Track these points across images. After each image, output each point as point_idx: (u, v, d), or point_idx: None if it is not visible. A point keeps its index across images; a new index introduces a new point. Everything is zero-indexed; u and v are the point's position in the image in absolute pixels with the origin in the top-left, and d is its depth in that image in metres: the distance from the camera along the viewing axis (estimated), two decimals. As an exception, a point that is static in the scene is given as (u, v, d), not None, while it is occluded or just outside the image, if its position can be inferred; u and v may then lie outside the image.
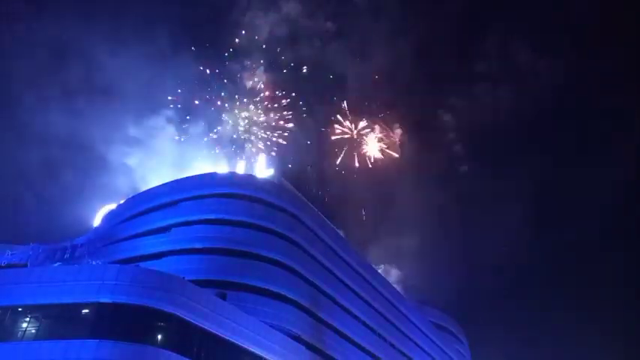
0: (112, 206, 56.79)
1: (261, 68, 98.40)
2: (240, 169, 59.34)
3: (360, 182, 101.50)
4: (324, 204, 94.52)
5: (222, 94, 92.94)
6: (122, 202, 55.90)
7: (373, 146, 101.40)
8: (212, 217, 47.89)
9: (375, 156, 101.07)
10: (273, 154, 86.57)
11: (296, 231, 51.58)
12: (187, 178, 55.76)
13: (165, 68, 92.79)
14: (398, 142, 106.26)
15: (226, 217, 48.38)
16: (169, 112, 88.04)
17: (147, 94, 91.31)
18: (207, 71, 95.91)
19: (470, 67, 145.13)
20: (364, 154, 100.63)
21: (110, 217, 54.62)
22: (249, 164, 62.10)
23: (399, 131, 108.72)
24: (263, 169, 59.97)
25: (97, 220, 56.82)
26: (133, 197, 55.52)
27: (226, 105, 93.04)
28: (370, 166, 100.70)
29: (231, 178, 54.89)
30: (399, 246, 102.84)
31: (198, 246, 45.29)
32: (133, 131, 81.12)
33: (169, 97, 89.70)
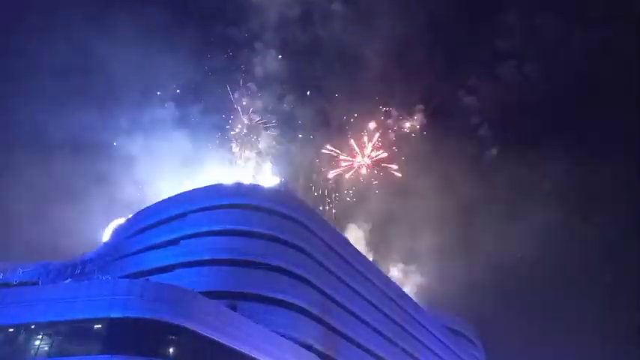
0: (121, 220, 57.09)
1: (273, 52, 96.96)
2: (247, 177, 59.59)
3: (376, 177, 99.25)
4: (335, 207, 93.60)
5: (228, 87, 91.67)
6: (130, 216, 56.15)
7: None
8: (220, 228, 47.93)
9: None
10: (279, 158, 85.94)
11: (304, 239, 51.46)
12: (194, 190, 55.87)
13: (168, 57, 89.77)
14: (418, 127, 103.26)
15: (234, 227, 48.39)
16: (176, 107, 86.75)
17: (150, 86, 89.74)
18: (215, 56, 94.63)
19: (491, 43, 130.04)
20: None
21: (119, 231, 54.85)
22: (256, 171, 62.24)
23: (418, 116, 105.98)
24: (269, 177, 60.17)
25: (106, 235, 57.12)
26: (140, 211, 55.70)
27: (235, 94, 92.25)
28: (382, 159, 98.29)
29: (238, 189, 54.92)
30: (417, 246, 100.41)
31: (207, 257, 45.29)
32: (138, 133, 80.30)
33: (177, 90, 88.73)
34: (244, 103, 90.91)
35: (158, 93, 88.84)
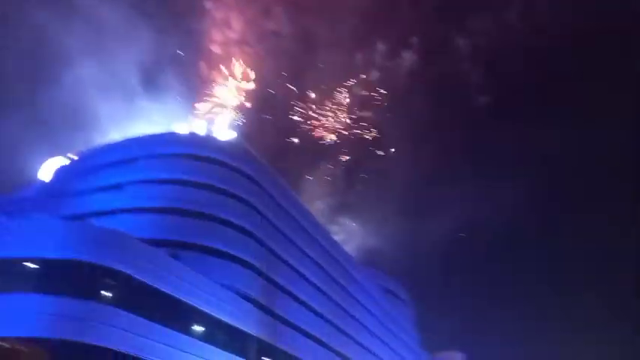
0: (61, 158, 55.14)
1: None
2: (201, 128, 58.51)
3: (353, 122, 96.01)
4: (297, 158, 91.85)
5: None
6: (73, 155, 54.45)
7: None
8: (168, 176, 47.39)
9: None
10: (247, 105, 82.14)
11: (254, 194, 51.78)
12: (146, 135, 54.76)
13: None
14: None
15: (185, 177, 48.01)
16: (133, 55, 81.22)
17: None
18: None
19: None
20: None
21: (62, 171, 53.11)
22: (212, 123, 61.08)
23: (408, 54, 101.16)
24: (225, 131, 59.33)
25: (43, 173, 54.96)
26: (86, 152, 54.16)
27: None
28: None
29: (192, 139, 54.31)
30: (375, 204, 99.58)
31: (152, 205, 44.93)
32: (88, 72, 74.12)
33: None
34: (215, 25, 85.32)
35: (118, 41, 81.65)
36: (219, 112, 78.49)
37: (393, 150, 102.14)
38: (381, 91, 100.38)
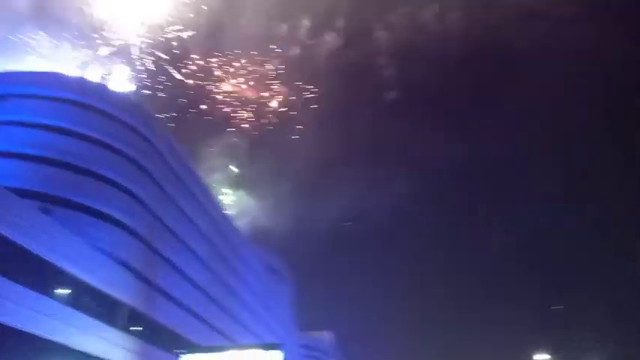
0: None
1: None
2: (95, 74, 53.49)
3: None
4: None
5: None
6: None
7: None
8: (48, 122, 42.63)
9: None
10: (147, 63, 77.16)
11: (145, 155, 48.77)
12: (26, 71, 49.00)
13: None
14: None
15: (66, 125, 43.52)
16: None
17: None
18: None
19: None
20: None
21: None
22: (108, 70, 56.14)
23: (330, 36, 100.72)
24: (122, 82, 54.85)
25: None
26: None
27: None
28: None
29: (82, 85, 49.29)
30: (270, 180, 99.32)
31: (25, 151, 40.18)
32: None
33: None
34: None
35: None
36: (120, 60, 72.02)
37: (298, 129, 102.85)
38: (299, 68, 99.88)
